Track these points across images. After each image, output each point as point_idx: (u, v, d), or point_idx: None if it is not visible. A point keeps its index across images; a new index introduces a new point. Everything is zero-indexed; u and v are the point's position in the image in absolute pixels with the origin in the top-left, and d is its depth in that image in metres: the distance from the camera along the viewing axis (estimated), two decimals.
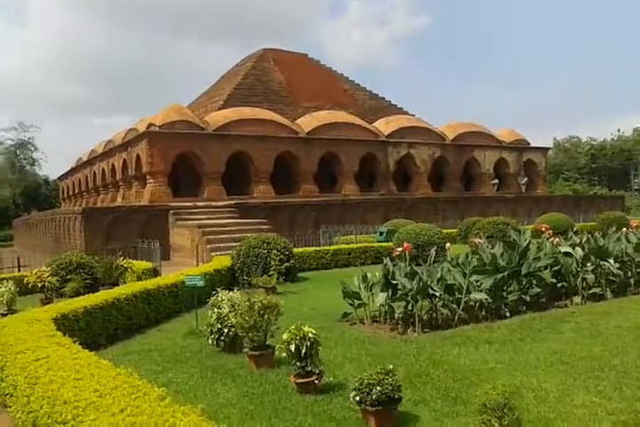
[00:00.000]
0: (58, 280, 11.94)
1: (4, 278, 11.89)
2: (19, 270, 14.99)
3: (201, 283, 8.39)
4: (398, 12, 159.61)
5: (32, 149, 65.22)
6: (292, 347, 5.23)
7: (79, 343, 5.44)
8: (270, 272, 12.11)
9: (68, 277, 13.06)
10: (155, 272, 13.99)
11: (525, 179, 36.81)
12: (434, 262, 15.38)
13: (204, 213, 22.78)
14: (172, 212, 22.32)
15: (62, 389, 3.77)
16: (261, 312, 6.15)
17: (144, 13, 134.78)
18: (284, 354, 5.42)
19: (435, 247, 10.66)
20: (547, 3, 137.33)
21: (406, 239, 15.79)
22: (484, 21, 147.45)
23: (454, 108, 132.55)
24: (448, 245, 10.22)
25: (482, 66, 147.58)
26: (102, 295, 8.49)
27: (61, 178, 50.25)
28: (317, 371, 5.31)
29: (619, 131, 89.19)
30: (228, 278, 12.99)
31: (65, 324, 7.14)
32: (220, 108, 31.32)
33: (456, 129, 34.74)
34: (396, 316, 8.29)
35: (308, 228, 24.54)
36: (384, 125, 32.52)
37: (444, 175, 34.03)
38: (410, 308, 8.25)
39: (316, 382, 5.24)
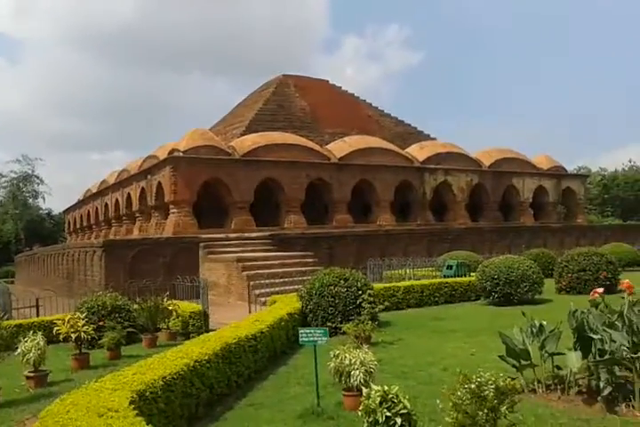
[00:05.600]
0: (93, 329, 9.46)
1: (28, 327, 9.43)
2: (37, 314, 12.49)
3: (324, 340, 5.99)
4: (391, 48, 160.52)
5: (37, 182, 63.05)
6: None
7: None
8: (362, 316, 9.66)
9: (101, 323, 10.63)
10: (205, 316, 11.53)
11: (561, 207, 34.76)
12: (525, 302, 12.84)
13: (237, 246, 20.41)
14: (202, 244, 19.93)
15: None
16: (495, 401, 3.73)
17: (142, 50, 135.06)
18: None
19: None
20: (537, 31, 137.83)
21: (495, 274, 13.44)
22: (477, 55, 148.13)
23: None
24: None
25: (476, 100, 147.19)
26: (177, 357, 6.06)
27: (67, 211, 47.97)
28: None
29: (630, 161, 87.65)
30: (299, 324, 10.53)
31: (142, 408, 4.72)
32: (241, 135, 29.35)
33: (492, 155, 32.74)
34: (601, 385, 5.83)
35: (348, 261, 22.03)
36: (418, 151, 30.52)
37: (481, 204, 31.83)
38: (618, 373, 5.82)
39: None
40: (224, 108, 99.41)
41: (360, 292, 10.74)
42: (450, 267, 16.64)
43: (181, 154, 23.71)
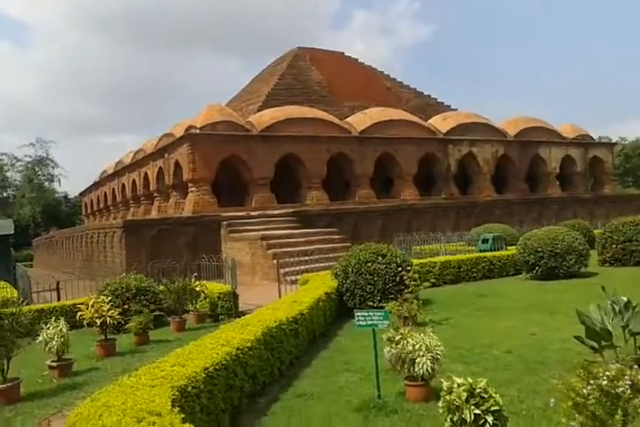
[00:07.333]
0: (119, 313, 8.88)
1: (49, 311, 8.84)
2: (58, 298, 11.97)
3: (385, 323, 5.28)
4: (402, 21, 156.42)
5: (52, 165, 62.71)
6: None
7: None
8: (406, 295, 8.95)
9: (126, 306, 10.08)
10: (234, 297, 10.92)
11: (589, 176, 33.58)
12: (571, 276, 12.01)
13: (259, 224, 19.75)
14: (224, 223, 19.31)
15: None
16: (636, 400, 2.99)
17: (151, 30, 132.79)
18: None
19: None
20: (552, 6, 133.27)
21: (539, 246, 12.63)
22: (489, 29, 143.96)
23: None
24: None
25: (488, 74, 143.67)
26: (218, 345, 5.40)
27: (84, 193, 47.61)
28: None
29: None
30: (336, 304, 9.88)
31: (184, 406, 4.07)
32: (258, 110, 28.44)
33: (518, 124, 31.48)
34: None
35: (373, 237, 21.30)
36: (441, 122, 29.38)
37: (506, 176, 30.73)
38: None
39: None
40: (235, 86, 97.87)
41: (400, 268, 10.03)
42: (485, 241, 15.84)
43: (198, 131, 22.94)
